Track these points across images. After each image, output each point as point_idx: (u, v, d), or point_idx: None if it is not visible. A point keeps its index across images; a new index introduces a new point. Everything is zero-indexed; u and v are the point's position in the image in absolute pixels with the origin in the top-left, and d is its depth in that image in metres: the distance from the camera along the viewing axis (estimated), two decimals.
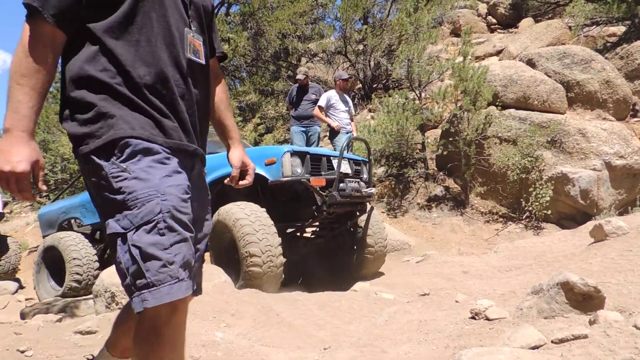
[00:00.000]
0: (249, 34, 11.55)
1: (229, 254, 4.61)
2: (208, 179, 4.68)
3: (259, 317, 3.53)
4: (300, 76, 7.45)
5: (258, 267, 4.10)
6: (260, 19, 11.49)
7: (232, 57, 11.34)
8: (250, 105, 11.93)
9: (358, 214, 5.32)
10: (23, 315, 5.05)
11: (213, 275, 4.15)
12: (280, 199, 4.75)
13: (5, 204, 8.47)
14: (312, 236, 5.65)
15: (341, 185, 4.65)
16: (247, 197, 4.59)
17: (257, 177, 4.41)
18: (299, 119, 7.43)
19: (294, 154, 4.44)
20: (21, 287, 7.92)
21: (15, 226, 13.94)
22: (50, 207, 6.95)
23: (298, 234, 5.37)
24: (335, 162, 4.80)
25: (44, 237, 6.68)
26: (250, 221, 4.20)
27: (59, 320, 4.08)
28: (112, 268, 4.07)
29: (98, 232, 6.35)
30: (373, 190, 5.24)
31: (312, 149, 4.84)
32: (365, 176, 5.32)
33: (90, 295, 4.57)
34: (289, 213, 4.61)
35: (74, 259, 5.60)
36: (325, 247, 5.68)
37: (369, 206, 5.39)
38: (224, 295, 3.82)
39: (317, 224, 5.32)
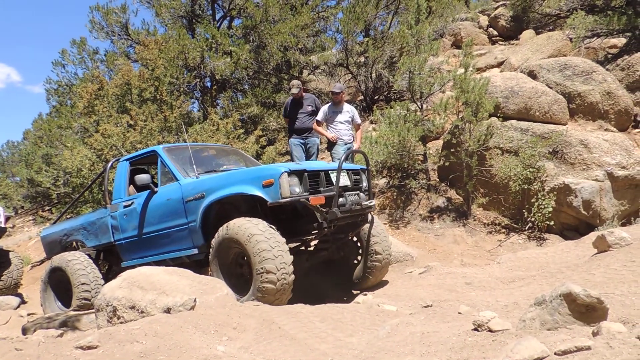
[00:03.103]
0: (251, 46, 11.63)
1: (232, 268, 4.61)
2: (208, 200, 4.65)
3: (260, 330, 3.51)
4: (294, 90, 7.38)
5: (272, 284, 4.10)
6: (262, 32, 11.58)
7: (234, 70, 11.41)
8: (252, 117, 11.99)
9: (360, 224, 5.30)
10: (24, 331, 5.04)
11: (215, 288, 4.14)
12: (281, 217, 4.75)
13: (7, 219, 8.49)
14: (315, 249, 5.62)
15: (341, 200, 4.63)
16: (247, 215, 4.59)
17: (256, 197, 4.45)
18: (297, 131, 7.45)
19: (291, 173, 4.41)
20: (23, 302, 7.90)
21: (17, 240, 13.96)
22: (52, 229, 6.92)
23: (302, 247, 5.35)
24: (333, 176, 4.78)
25: (47, 258, 6.63)
26: (265, 237, 4.19)
27: (60, 335, 4.06)
28: (113, 282, 4.07)
29: (102, 254, 6.32)
30: (373, 202, 5.24)
31: (310, 166, 4.83)
32: (364, 184, 5.31)
33: (92, 310, 4.56)
34: (290, 229, 4.61)
35: (82, 283, 5.58)
36: (329, 258, 5.66)
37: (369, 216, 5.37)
38: (225, 309, 3.81)
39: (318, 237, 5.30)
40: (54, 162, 10.86)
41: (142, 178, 5.18)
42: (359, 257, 5.62)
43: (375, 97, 12.45)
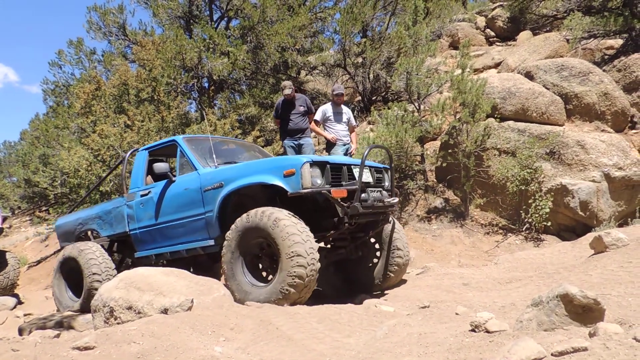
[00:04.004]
0: (248, 47, 11.63)
1: (250, 260, 4.48)
2: (226, 189, 4.59)
3: (258, 330, 3.51)
4: (287, 91, 7.28)
5: (303, 268, 3.99)
6: (260, 32, 11.57)
7: (232, 70, 11.41)
8: (249, 118, 11.98)
9: (381, 223, 5.20)
10: (21, 331, 5.03)
11: (212, 289, 4.14)
12: (301, 210, 4.53)
13: (4, 219, 8.46)
14: (333, 247, 5.46)
15: (363, 195, 4.51)
16: (267, 206, 4.43)
17: (276, 187, 4.36)
18: (290, 133, 7.37)
19: (313, 164, 4.31)
20: (20, 302, 7.88)
21: (14, 241, 13.93)
22: (67, 218, 6.87)
23: (320, 244, 5.16)
24: (356, 171, 4.68)
25: (61, 247, 6.62)
26: (292, 222, 4.10)
27: (57, 336, 4.05)
28: (110, 283, 4.06)
29: (116, 244, 6.24)
30: (396, 199, 5.11)
31: (332, 158, 4.72)
32: (387, 184, 5.21)
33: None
34: (308, 224, 4.40)
35: (93, 273, 5.53)
36: (346, 258, 5.51)
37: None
38: (222, 309, 3.80)
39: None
40: (51, 162, 10.84)
41: (160, 166, 5.11)
42: (375, 258, 5.50)
43: (373, 98, 12.46)
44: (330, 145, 7.33)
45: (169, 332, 3.15)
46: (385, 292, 5.39)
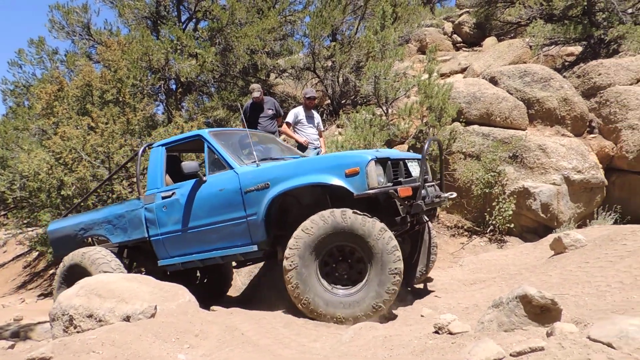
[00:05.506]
0: (217, 49, 11.50)
1: (326, 260, 4.17)
2: (275, 190, 4.27)
3: (223, 337, 3.47)
4: (256, 94, 7.20)
5: (398, 285, 3.85)
6: (229, 34, 11.46)
7: (200, 73, 11.26)
8: (218, 121, 11.84)
9: (431, 218, 5.08)
10: None
11: (177, 295, 4.07)
12: (353, 209, 4.14)
13: None
14: None
15: (422, 192, 4.30)
16: (315, 207, 4.22)
17: (334, 187, 4.11)
18: None
19: (377, 161, 4.07)
20: None
21: None
22: (63, 223, 6.09)
23: None
24: (410, 166, 4.54)
25: (55, 256, 5.97)
26: (392, 235, 3.88)
27: (11, 346, 3.90)
28: (70, 290, 3.94)
29: (125, 250, 5.64)
30: (454, 194, 5.07)
31: (392, 153, 4.48)
32: (429, 177, 5.02)
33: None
34: None
35: None
36: None
37: None
38: (187, 316, 3.74)
39: None
40: (10, 165, 10.43)
41: (190, 165, 4.63)
42: (417, 255, 5.31)
43: (342, 102, 12.51)
44: (301, 149, 7.32)
45: (130, 341, 3.08)
46: None
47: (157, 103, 12.02)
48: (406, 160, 4.59)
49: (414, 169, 4.68)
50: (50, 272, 11.16)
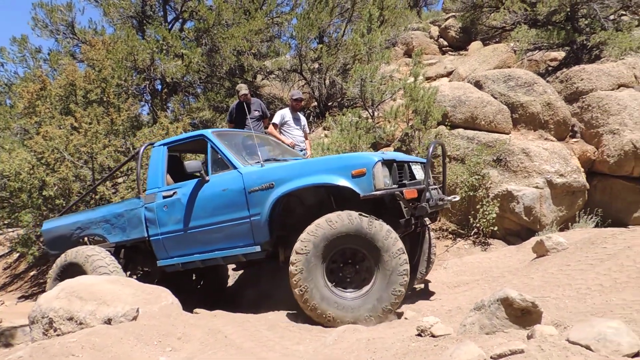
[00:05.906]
0: (203, 50, 11.44)
1: (331, 263, 4.14)
2: (280, 191, 4.26)
3: (206, 339, 3.45)
4: (244, 91, 7.19)
5: (405, 287, 3.86)
6: (215, 35, 11.41)
7: (186, 73, 11.20)
8: (204, 121, 11.77)
9: (433, 220, 5.11)
10: None
11: (160, 297, 4.03)
12: (357, 210, 4.13)
13: None
14: None
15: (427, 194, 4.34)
16: (319, 209, 4.22)
17: (339, 188, 4.10)
18: None
19: (383, 163, 4.08)
20: None
21: None
22: (58, 222, 5.99)
23: None
24: (414, 168, 4.57)
25: (51, 256, 5.84)
26: (397, 237, 3.89)
27: None
28: (50, 293, 3.88)
29: (122, 250, 5.54)
30: (457, 197, 5.10)
31: (397, 155, 4.52)
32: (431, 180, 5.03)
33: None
34: None
35: None
36: None
37: None
38: (170, 318, 3.71)
39: None
40: None
41: (193, 165, 4.64)
42: (418, 257, 5.34)
43: (329, 104, 12.53)
44: None
45: (111, 344, 3.04)
46: None
47: (142, 103, 11.93)
48: (410, 163, 4.64)
49: (418, 172, 4.73)
50: (31, 274, 10.98)
